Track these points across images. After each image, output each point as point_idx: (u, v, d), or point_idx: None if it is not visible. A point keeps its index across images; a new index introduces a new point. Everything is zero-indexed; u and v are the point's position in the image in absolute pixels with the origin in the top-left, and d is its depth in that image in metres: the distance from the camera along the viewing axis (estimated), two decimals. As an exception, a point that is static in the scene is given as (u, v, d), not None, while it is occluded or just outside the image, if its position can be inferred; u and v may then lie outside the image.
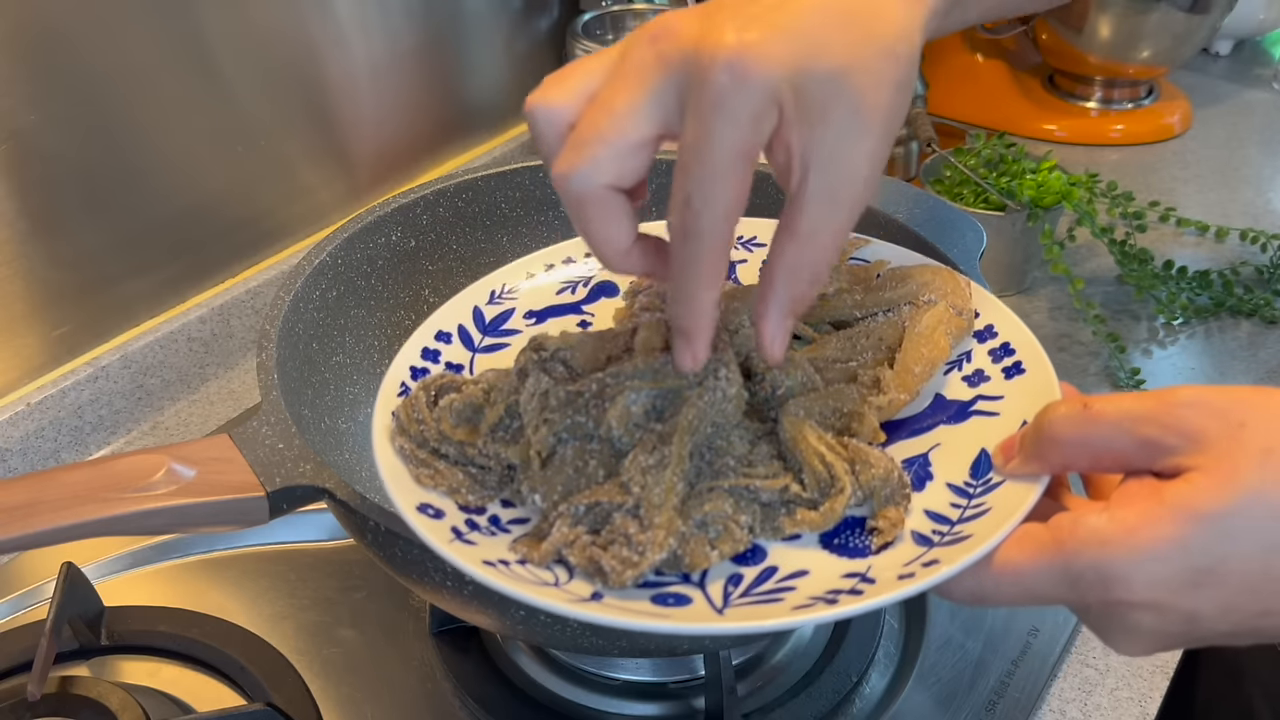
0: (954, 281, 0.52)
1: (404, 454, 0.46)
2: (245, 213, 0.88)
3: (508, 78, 1.07)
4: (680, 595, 0.41)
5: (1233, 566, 0.36)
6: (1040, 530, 0.38)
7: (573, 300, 0.58)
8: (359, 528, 0.51)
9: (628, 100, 0.38)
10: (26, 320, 0.77)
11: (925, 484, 0.45)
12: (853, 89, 0.38)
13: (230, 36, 0.82)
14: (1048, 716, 0.63)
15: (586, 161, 0.38)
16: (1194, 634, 0.38)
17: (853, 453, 0.45)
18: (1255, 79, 1.35)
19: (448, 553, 0.41)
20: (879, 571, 0.41)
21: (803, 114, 0.38)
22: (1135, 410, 0.38)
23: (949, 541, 0.41)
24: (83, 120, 0.75)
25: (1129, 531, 0.36)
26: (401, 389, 0.50)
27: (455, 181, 0.69)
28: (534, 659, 0.64)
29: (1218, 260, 1.00)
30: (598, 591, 0.41)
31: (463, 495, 0.45)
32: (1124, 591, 0.36)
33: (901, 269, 0.54)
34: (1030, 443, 0.41)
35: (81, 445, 0.81)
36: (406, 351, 0.53)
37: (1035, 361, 0.47)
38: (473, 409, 0.47)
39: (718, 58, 0.37)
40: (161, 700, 0.61)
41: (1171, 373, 0.88)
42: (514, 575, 0.41)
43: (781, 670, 0.64)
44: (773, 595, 0.41)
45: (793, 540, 0.44)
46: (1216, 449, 0.36)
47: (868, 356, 0.49)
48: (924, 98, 1.08)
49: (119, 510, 0.47)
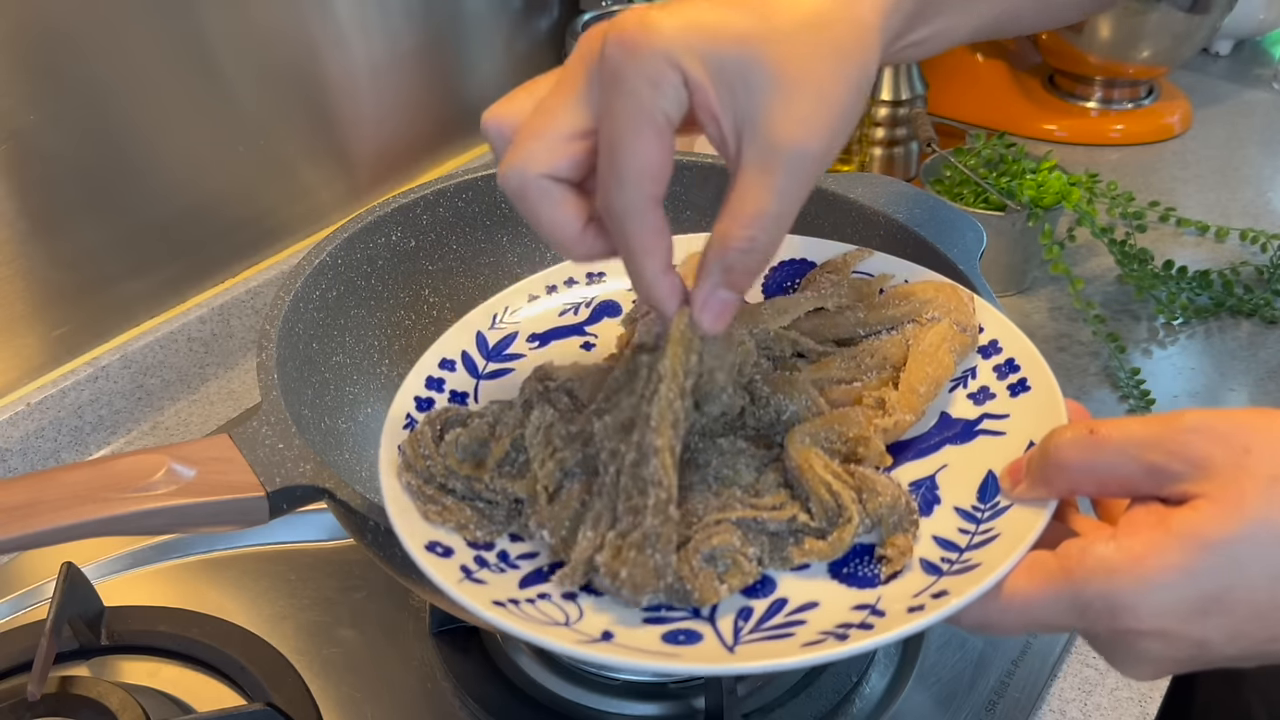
0: (957, 297, 0.52)
1: (411, 490, 0.46)
2: (245, 213, 0.88)
3: (508, 78, 1.07)
4: (691, 632, 0.41)
5: (1240, 594, 0.36)
6: (1048, 559, 0.38)
7: (575, 321, 0.57)
8: (359, 528, 0.51)
9: (558, 98, 0.41)
10: (26, 320, 0.77)
11: (933, 508, 0.45)
12: (766, 55, 0.39)
13: (230, 36, 0.82)
14: (1048, 716, 0.63)
15: (521, 155, 0.40)
16: (1202, 659, 0.38)
17: (859, 480, 0.44)
18: (1255, 79, 1.35)
19: (458, 594, 0.41)
20: (888, 603, 0.41)
21: (718, 81, 0.39)
22: (1141, 436, 0.38)
23: (958, 570, 0.41)
24: (83, 120, 0.75)
25: (1136, 560, 0.36)
26: (407, 421, 0.50)
27: (455, 181, 0.69)
28: (534, 659, 0.64)
29: (1218, 260, 1.00)
30: (608, 631, 0.41)
31: (471, 531, 0.45)
32: (1132, 620, 0.36)
33: (904, 286, 0.53)
34: (1036, 467, 0.41)
35: (81, 445, 0.81)
36: (411, 381, 0.52)
37: (1040, 378, 0.47)
38: (479, 443, 0.47)
39: (611, 38, 0.39)
40: (161, 700, 0.61)
41: (1171, 373, 0.88)
42: (523, 615, 0.41)
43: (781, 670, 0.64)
44: (783, 630, 0.41)
45: (802, 570, 0.44)
46: (1223, 476, 0.36)
47: (872, 376, 0.49)
48: (924, 98, 1.08)
49: (119, 510, 0.47)
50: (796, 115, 0.39)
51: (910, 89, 1.07)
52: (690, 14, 0.39)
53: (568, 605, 0.42)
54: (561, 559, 0.44)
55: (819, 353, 0.51)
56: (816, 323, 0.52)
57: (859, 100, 0.41)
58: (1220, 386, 0.86)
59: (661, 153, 0.39)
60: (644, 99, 0.39)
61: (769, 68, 0.39)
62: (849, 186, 0.66)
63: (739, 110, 0.39)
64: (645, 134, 0.39)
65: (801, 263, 0.56)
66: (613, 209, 0.40)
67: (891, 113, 1.06)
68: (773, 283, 0.56)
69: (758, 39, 0.39)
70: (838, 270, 0.55)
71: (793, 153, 0.39)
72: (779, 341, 0.51)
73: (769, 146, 0.39)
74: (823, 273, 0.55)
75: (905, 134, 1.07)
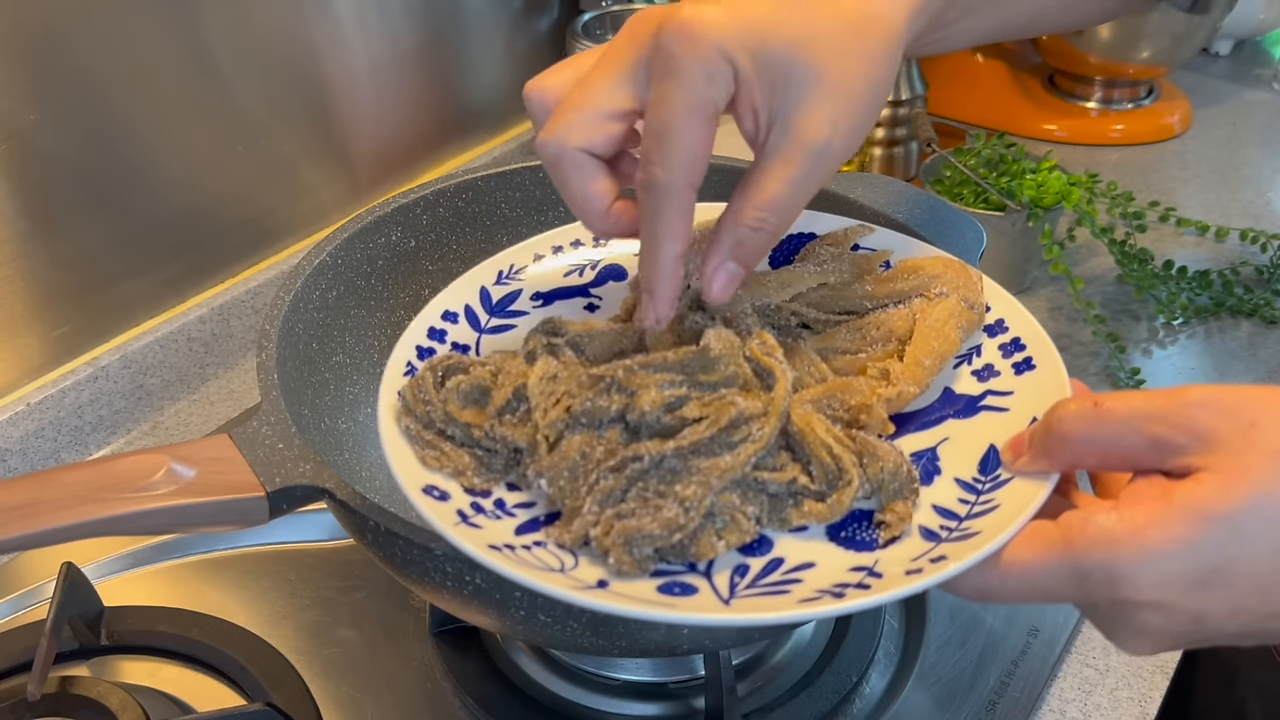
0: (966, 274, 0.52)
1: (410, 434, 0.46)
2: (245, 213, 0.88)
3: (508, 78, 1.07)
4: (686, 585, 0.41)
5: (1241, 568, 0.36)
6: (1049, 528, 0.38)
7: (580, 283, 0.57)
8: (359, 528, 0.51)
9: (603, 76, 0.43)
10: (26, 320, 0.77)
11: (934, 478, 0.45)
12: (811, 57, 0.42)
13: (230, 36, 0.82)
14: (1048, 716, 0.63)
15: (561, 126, 0.43)
16: (1201, 634, 0.38)
17: (860, 445, 0.44)
18: (1255, 79, 1.35)
19: (453, 535, 0.41)
20: (886, 566, 0.41)
21: (764, 78, 0.41)
22: (1145, 409, 0.38)
23: (957, 538, 0.41)
24: (83, 120, 0.75)
25: (1138, 531, 0.36)
26: (408, 368, 0.50)
27: (455, 181, 0.69)
28: (534, 659, 0.64)
29: (1218, 260, 1.00)
30: (603, 580, 0.40)
31: (468, 478, 0.45)
32: (1132, 591, 0.36)
33: (913, 260, 0.54)
34: (1040, 440, 0.41)
35: (81, 445, 0.81)
36: (413, 330, 0.52)
37: (1046, 357, 0.47)
38: (480, 391, 0.47)
39: (669, 27, 0.41)
40: (161, 700, 0.61)
41: (1171, 373, 0.88)
42: (518, 560, 0.40)
43: (781, 670, 0.64)
44: (779, 587, 0.41)
45: (800, 532, 0.44)
46: (1227, 449, 0.36)
47: (877, 348, 0.49)
48: (924, 98, 1.08)
49: (119, 510, 0.47)
50: (826, 115, 0.42)
51: (910, 89, 1.07)
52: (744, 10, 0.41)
53: (563, 554, 0.42)
54: (558, 509, 0.44)
55: (824, 323, 0.51)
56: (823, 294, 0.52)
57: (881, 103, 0.44)
58: (1220, 386, 0.86)
59: (708, 141, 0.42)
60: (699, 89, 0.41)
61: (811, 68, 0.42)
62: (849, 186, 0.66)
63: (774, 105, 0.42)
64: (695, 122, 0.41)
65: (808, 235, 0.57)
66: (654, 187, 0.42)
67: (891, 113, 1.06)
68: (778, 254, 0.56)
69: (806, 40, 0.42)
70: (837, 243, 0.55)
71: (816, 149, 0.42)
72: (781, 313, 0.51)
73: (796, 141, 0.42)
74: (822, 244, 0.55)
75: (905, 134, 1.07)
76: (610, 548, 0.41)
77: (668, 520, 0.41)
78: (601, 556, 0.41)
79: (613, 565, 0.41)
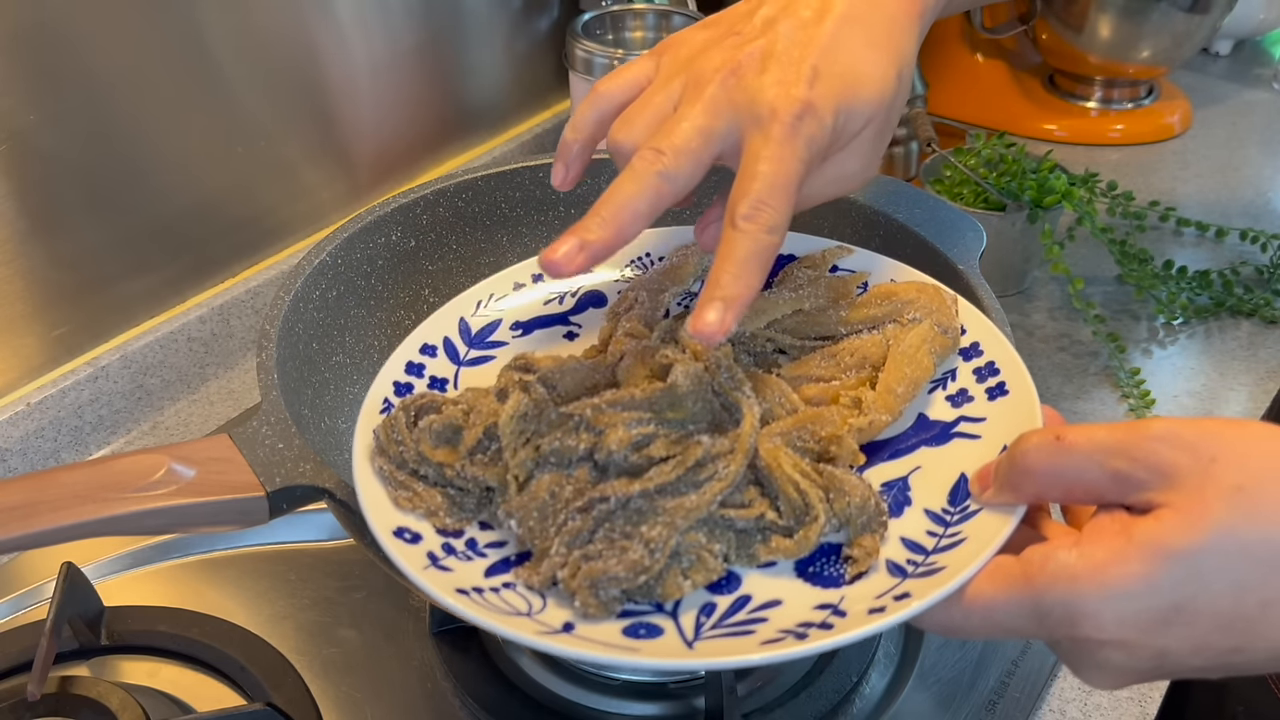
0: (939, 299, 0.52)
1: (383, 475, 0.46)
2: (245, 213, 0.88)
3: (508, 78, 1.07)
4: (652, 625, 0.41)
5: (1202, 605, 0.35)
6: (1012, 564, 0.38)
7: (560, 310, 0.57)
8: (359, 528, 0.50)
9: (701, 122, 0.46)
10: (26, 320, 0.77)
11: (904, 509, 0.45)
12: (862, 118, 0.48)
13: (230, 37, 0.82)
14: (1048, 716, 0.63)
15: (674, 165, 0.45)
16: (1165, 669, 0.37)
17: (828, 480, 0.44)
18: (1255, 79, 1.35)
19: (422, 580, 0.41)
20: (851, 603, 0.41)
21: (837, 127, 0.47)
22: (1106, 443, 0.37)
23: (922, 573, 0.41)
24: (83, 120, 0.75)
25: (1098, 569, 0.36)
26: (384, 405, 0.50)
27: (455, 181, 0.69)
28: (534, 659, 0.64)
29: (1218, 260, 1.00)
30: (569, 622, 0.41)
31: (440, 518, 0.45)
32: (1093, 629, 0.36)
33: (888, 285, 0.53)
34: (1004, 473, 0.41)
35: (81, 445, 0.81)
36: (391, 366, 0.52)
37: (1019, 382, 0.47)
38: (452, 430, 0.46)
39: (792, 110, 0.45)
40: (161, 700, 0.61)
41: (1171, 372, 0.88)
42: (485, 604, 0.41)
43: (781, 670, 0.64)
44: (744, 627, 0.41)
45: (768, 567, 0.44)
46: (1187, 485, 0.36)
47: (851, 375, 0.49)
48: (924, 98, 1.08)
49: (119, 510, 0.47)
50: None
51: (910, 89, 1.07)
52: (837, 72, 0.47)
53: (531, 595, 0.42)
54: (529, 549, 0.44)
55: (799, 349, 0.51)
56: (798, 320, 0.52)
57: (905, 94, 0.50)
58: (1220, 386, 0.86)
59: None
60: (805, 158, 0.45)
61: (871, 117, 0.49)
62: (849, 186, 0.66)
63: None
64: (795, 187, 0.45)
65: (786, 257, 0.56)
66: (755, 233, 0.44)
67: (891, 113, 1.06)
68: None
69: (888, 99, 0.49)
70: (815, 266, 0.55)
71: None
72: (756, 340, 0.51)
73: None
74: (800, 267, 0.55)
75: (905, 134, 1.07)
76: (576, 590, 0.41)
77: (633, 563, 0.41)
78: (569, 597, 0.41)
79: (579, 608, 0.41)
